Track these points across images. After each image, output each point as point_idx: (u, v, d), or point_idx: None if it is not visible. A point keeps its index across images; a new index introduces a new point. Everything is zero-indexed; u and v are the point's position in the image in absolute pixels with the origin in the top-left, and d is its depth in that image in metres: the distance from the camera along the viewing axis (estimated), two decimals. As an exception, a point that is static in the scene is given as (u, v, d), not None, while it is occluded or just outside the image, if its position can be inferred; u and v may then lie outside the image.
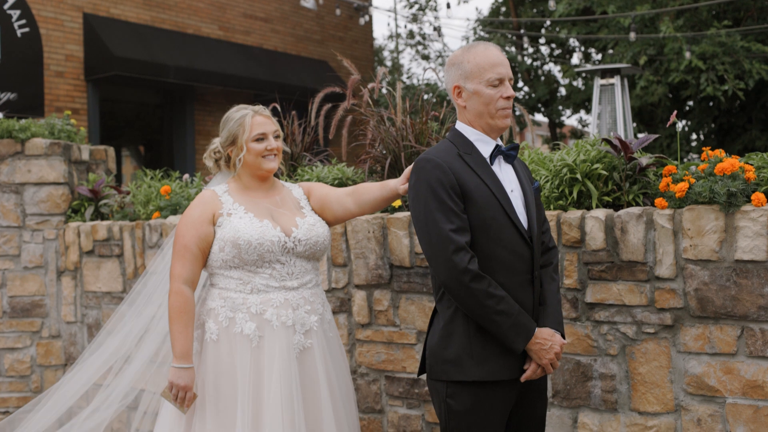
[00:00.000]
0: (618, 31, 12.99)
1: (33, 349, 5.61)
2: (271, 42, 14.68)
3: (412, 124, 4.30)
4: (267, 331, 3.02)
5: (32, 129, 5.69)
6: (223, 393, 3.01)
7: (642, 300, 3.33)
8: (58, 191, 5.63)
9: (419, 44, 20.35)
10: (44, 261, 5.61)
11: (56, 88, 11.70)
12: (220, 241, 3.05)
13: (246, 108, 3.22)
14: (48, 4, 11.65)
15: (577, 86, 15.93)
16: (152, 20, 12.90)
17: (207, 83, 12.82)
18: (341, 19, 15.72)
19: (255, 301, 3.04)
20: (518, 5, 16.56)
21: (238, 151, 3.15)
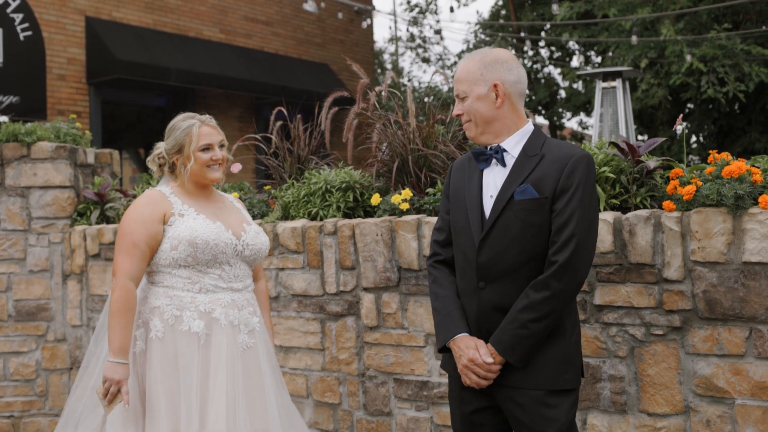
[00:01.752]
0: (619, 34, 13.02)
1: (38, 352, 5.61)
2: (272, 45, 14.70)
3: (419, 127, 4.32)
4: (215, 329, 3.11)
5: (38, 132, 5.71)
6: (171, 389, 3.07)
7: (650, 302, 3.35)
8: (64, 195, 5.64)
9: (419, 47, 20.40)
10: (50, 264, 5.61)
11: (58, 91, 11.72)
12: (173, 240, 3.11)
13: (193, 118, 3.28)
14: (50, 8, 11.67)
15: (577, 89, 15.95)
16: (154, 23, 12.92)
17: (208, 86, 12.84)
18: (342, 23, 15.75)
19: (204, 300, 3.12)
20: (518, 8, 16.59)
21: (185, 160, 3.22)
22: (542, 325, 2.52)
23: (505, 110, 2.69)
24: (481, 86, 2.68)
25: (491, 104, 2.68)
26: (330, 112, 4.45)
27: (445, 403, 3.90)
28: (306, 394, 4.42)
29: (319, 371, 4.37)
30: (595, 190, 2.55)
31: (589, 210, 2.54)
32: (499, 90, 2.67)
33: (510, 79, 2.70)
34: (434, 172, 4.24)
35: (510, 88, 2.69)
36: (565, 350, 2.58)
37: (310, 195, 4.47)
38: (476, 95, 2.69)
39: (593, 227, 2.58)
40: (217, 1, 13.85)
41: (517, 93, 2.72)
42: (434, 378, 3.92)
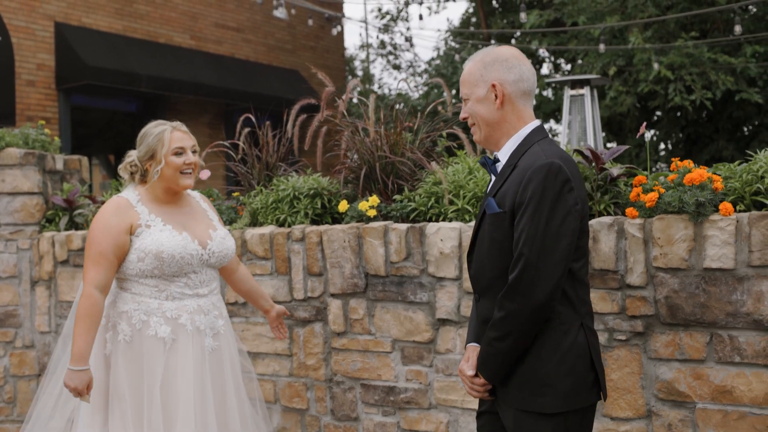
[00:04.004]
0: (588, 42, 13.16)
1: (6, 359, 5.57)
2: (242, 51, 14.68)
3: (387, 134, 4.36)
4: (181, 334, 3.17)
5: (6, 139, 5.67)
6: (135, 392, 3.12)
7: (614, 307, 3.41)
8: (33, 201, 5.61)
9: (390, 54, 20.47)
10: (18, 271, 5.57)
11: (27, 97, 11.62)
12: (140, 252, 3.14)
13: (165, 124, 3.31)
14: (19, 13, 11.57)
15: (547, 96, 16.08)
16: (124, 30, 12.85)
17: (179, 92, 12.79)
18: (313, 29, 15.77)
19: (170, 306, 3.18)
20: (489, 16, 16.71)
21: (156, 164, 3.24)
22: (505, 344, 2.38)
23: (506, 112, 2.52)
24: (480, 87, 2.53)
25: (491, 105, 2.52)
26: (298, 120, 4.47)
27: (411, 408, 3.93)
28: (274, 399, 4.43)
29: (287, 377, 4.38)
30: (559, 202, 2.31)
31: (542, 225, 2.31)
32: (497, 90, 2.50)
33: (509, 78, 2.51)
34: (401, 179, 4.27)
35: (510, 87, 2.51)
36: (540, 372, 2.39)
37: (278, 201, 4.48)
38: (476, 97, 2.55)
39: (549, 244, 2.31)
40: (187, 8, 13.81)
41: (519, 92, 2.52)
42: (401, 383, 3.95)
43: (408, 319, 3.91)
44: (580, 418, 2.43)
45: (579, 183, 2.42)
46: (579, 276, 2.44)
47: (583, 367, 2.40)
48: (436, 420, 3.87)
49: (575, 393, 2.39)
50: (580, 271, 2.45)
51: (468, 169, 4.04)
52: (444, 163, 4.30)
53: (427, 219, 4.04)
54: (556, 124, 17.45)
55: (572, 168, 2.41)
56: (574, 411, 2.40)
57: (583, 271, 2.46)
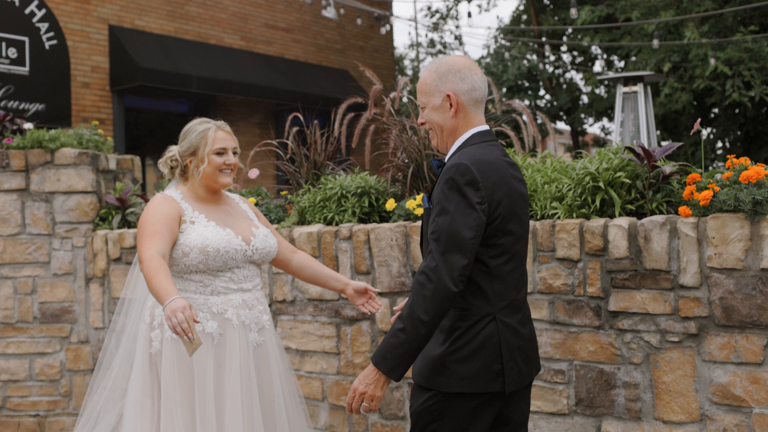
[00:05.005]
0: (641, 38, 12.93)
1: (62, 354, 5.69)
2: (292, 52, 14.77)
3: (436, 132, 4.33)
4: (228, 329, 3.18)
5: (61, 139, 5.78)
6: (185, 389, 3.13)
7: (666, 308, 3.34)
8: (87, 200, 5.71)
9: (440, 53, 20.39)
10: (73, 268, 5.69)
11: (82, 99, 11.85)
12: (185, 247, 3.15)
13: (209, 122, 3.34)
14: (75, 17, 11.81)
15: (599, 94, 15.87)
16: (176, 31, 13.03)
17: (229, 93, 12.92)
18: (362, 29, 15.79)
19: (216, 301, 3.19)
20: (539, 13, 16.54)
21: (199, 162, 3.27)
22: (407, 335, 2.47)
23: (459, 119, 2.70)
24: (436, 97, 2.70)
25: (446, 113, 2.69)
26: (346, 118, 4.47)
27: (460, 408, 3.90)
28: (321, 397, 4.44)
29: (335, 375, 4.39)
30: (461, 200, 2.47)
31: (446, 221, 2.48)
32: (452, 99, 2.68)
33: (463, 88, 2.68)
34: (450, 178, 4.24)
35: (463, 96, 2.68)
36: (440, 356, 2.56)
37: (325, 200, 4.49)
38: (432, 105, 2.72)
39: (450, 238, 2.46)
40: (237, 9, 13.95)
41: (471, 101, 2.70)
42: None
43: (456, 318, 3.88)
44: (474, 403, 2.58)
45: (493, 184, 2.54)
46: (498, 273, 2.59)
47: (487, 357, 2.55)
48: (484, 420, 3.83)
49: (471, 378, 2.54)
50: (500, 268, 2.59)
51: (517, 167, 4.00)
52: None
53: (476, 218, 4.00)
54: (609, 123, 17.21)
55: (488, 170, 2.54)
56: (468, 394, 2.55)
57: (504, 268, 2.60)
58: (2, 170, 5.72)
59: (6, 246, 5.72)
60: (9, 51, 10.55)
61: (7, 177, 5.72)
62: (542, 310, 3.65)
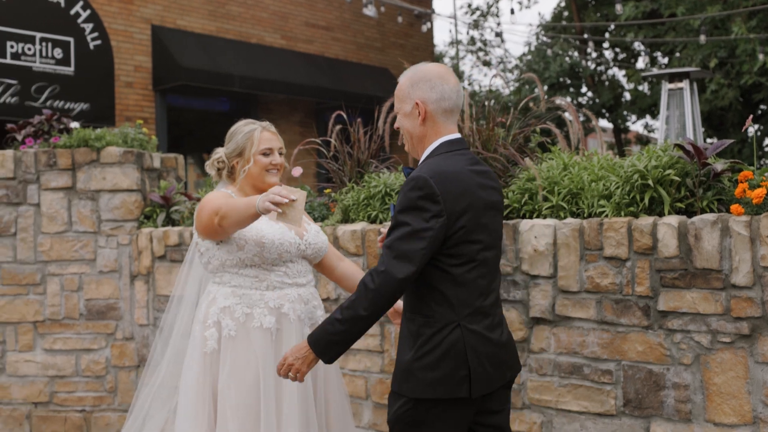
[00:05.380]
0: (686, 33, 12.73)
1: (108, 350, 5.76)
2: (332, 50, 14.81)
3: (479, 130, 4.30)
4: (285, 324, 3.19)
5: (107, 138, 5.86)
6: (243, 386, 3.11)
7: (717, 308, 3.27)
8: (132, 198, 5.78)
9: (480, 50, 20.28)
10: (118, 265, 5.76)
11: (126, 98, 12.00)
12: (240, 240, 3.16)
13: (254, 123, 3.37)
14: (118, 17, 11.95)
15: (642, 91, 15.66)
16: (217, 30, 13.13)
17: (270, 92, 12.99)
18: (402, 27, 15.77)
19: (272, 296, 3.19)
20: (581, 9, 16.36)
21: (245, 162, 3.30)
22: (343, 326, 2.63)
23: (427, 128, 2.77)
24: (407, 104, 2.78)
25: (415, 121, 2.77)
26: (389, 116, 4.46)
27: (505, 408, 3.87)
28: (365, 395, 4.43)
29: (378, 373, 4.38)
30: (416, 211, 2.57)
31: (401, 230, 2.59)
32: (420, 108, 2.75)
33: (432, 98, 2.74)
34: (495, 176, 4.21)
35: (431, 106, 2.74)
36: (409, 361, 2.66)
37: (369, 198, 4.48)
38: (404, 112, 2.81)
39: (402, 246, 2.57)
40: (278, 8, 14.01)
41: (440, 110, 2.75)
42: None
43: (501, 317, 3.85)
44: (444, 408, 2.64)
45: (454, 195, 2.60)
46: (462, 280, 2.64)
47: (453, 363, 2.61)
48: (530, 420, 3.80)
49: (436, 384, 2.61)
50: (464, 276, 2.64)
51: (563, 165, 3.96)
52: (537, 159, 4.22)
53: (521, 216, 3.97)
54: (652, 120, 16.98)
55: (449, 181, 2.60)
56: (436, 400, 2.62)
57: (468, 276, 2.65)
58: (49, 169, 5.81)
59: (53, 244, 5.81)
60: (55, 51, 10.72)
61: (54, 176, 5.81)
62: (589, 310, 3.61)
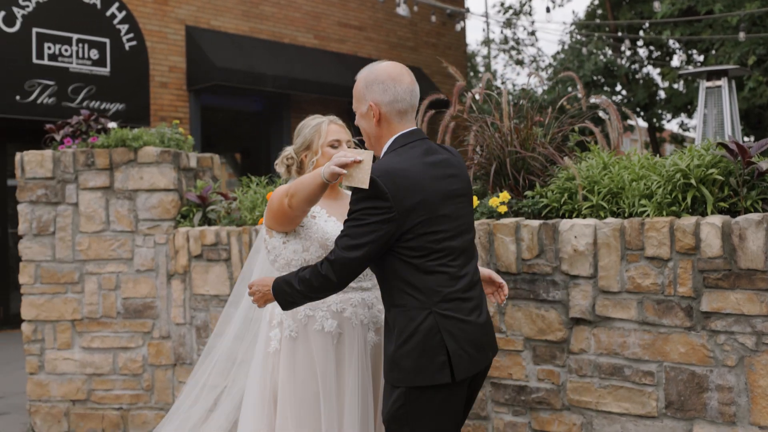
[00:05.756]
0: (724, 30, 12.55)
1: (145, 348, 5.81)
2: (365, 50, 14.82)
3: (517, 129, 4.27)
4: (347, 328, 3.15)
5: (144, 138, 5.90)
6: (303, 387, 3.11)
7: (762, 309, 3.22)
8: (168, 197, 5.82)
9: (512, 49, 20.16)
10: (155, 264, 5.80)
11: (160, 99, 12.10)
12: (305, 242, 3.15)
13: (322, 117, 3.38)
14: (153, 18, 12.06)
15: (677, 89, 15.47)
16: (251, 31, 13.19)
17: (303, 91, 13.03)
18: (434, 26, 15.74)
19: (335, 300, 3.15)
20: (615, 7, 16.20)
21: (312, 155, 3.29)
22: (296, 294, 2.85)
23: (382, 128, 2.85)
24: (363, 105, 2.87)
25: (371, 122, 2.86)
26: (427, 115, 4.44)
27: (542, 408, 3.84)
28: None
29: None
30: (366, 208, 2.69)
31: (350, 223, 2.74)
32: (374, 110, 2.84)
33: (385, 100, 2.82)
34: (533, 175, 4.18)
35: (384, 108, 2.83)
36: (390, 352, 2.78)
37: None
38: (360, 113, 2.90)
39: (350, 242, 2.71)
40: (311, 8, 14.05)
41: (394, 112, 2.83)
42: (532, 383, 3.87)
43: (540, 317, 3.82)
44: (431, 395, 2.72)
45: (405, 190, 2.69)
46: (427, 268, 2.72)
47: (428, 349, 2.70)
48: (569, 421, 3.77)
49: (417, 372, 2.70)
50: (427, 265, 2.72)
51: (602, 164, 3.92)
52: (577, 158, 4.18)
53: (560, 215, 3.93)
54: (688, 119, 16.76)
55: (399, 178, 2.69)
56: (422, 387, 2.71)
57: (432, 265, 2.73)
58: (87, 169, 5.87)
59: (91, 243, 5.86)
60: (91, 52, 10.84)
61: (92, 175, 5.87)
62: (630, 310, 3.56)
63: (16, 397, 7.10)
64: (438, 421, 2.76)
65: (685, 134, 17.99)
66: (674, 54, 16.46)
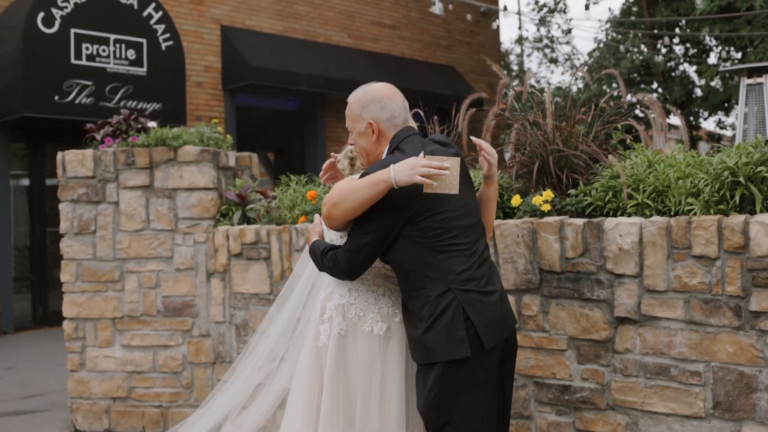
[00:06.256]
0: (763, 27, 12.36)
1: (184, 347, 5.85)
2: (398, 48, 14.81)
3: (560, 127, 4.24)
4: (396, 332, 3.14)
5: (184, 137, 5.94)
6: (349, 385, 3.11)
7: (815, 309, 3.16)
8: (208, 196, 5.86)
9: (546, 47, 20.01)
10: (195, 263, 5.84)
11: (196, 98, 12.19)
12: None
13: None
14: (189, 18, 12.16)
15: (715, 87, 15.26)
16: (285, 30, 13.25)
17: (338, 91, 13.06)
18: (468, 25, 15.70)
19: (388, 303, 3.15)
20: (651, 4, 16.03)
21: None
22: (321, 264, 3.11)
23: (381, 144, 3.08)
24: (360, 124, 3.08)
25: (369, 139, 3.08)
26: (468, 113, 4.42)
27: (587, 408, 3.81)
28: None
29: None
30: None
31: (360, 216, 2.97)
32: (373, 127, 3.06)
33: (383, 117, 3.06)
34: (576, 173, 4.15)
35: (384, 124, 3.06)
36: (411, 332, 2.97)
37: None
38: (358, 131, 3.10)
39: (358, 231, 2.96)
40: (345, 7, 14.08)
41: (391, 127, 3.08)
42: (576, 382, 3.84)
43: (584, 316, 3.79)
44: (455, 369, 2.87)
45: None
46: (440, 247, 2.91)
47: (454, 324, 2.86)
48: (614, 421, 3.73)
49: (447, 346, 2.85)
50: (440, 244, 2.91)
51: (647, 162, 3.87)
52: (620, 156, 4.14)
53: (604, 214, 3.90)
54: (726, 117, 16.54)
55: None
56: (455, 362, 2.86)
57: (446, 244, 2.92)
58: (128, 168, 5.92)
59: (131, 241, 5.92)
60: (128, 53, 10.95)
61: (133, 174, 5.92)
62: (677, 310, 3.52)
63: (56, 394, 7.19)
64: (475, 398, 2.90)
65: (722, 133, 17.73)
66: (711, 51, 16.24)
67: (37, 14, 10.18)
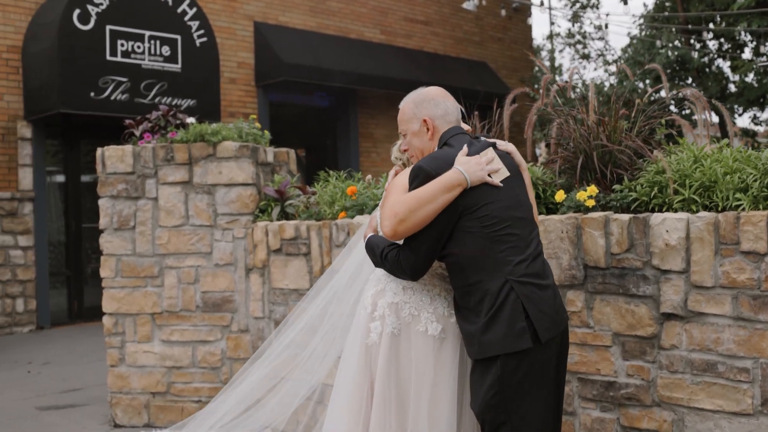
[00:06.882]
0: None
1: (223, 342, 5.89)
2: (431, 45, 14.79)
3: (603, 122, 4.21)
4: (450, 332, 3.10)
5: (223, 133, 5.98)
6: (401, 385, 3.07)
7: None
8: (247, 192, 5.89)
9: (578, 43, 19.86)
10: (234, 258, 5.87)
11: (230, 94, 12.26)
12: None
13: None
14: (222, 14, 12.22)
15: (750, 82, 15.07)
16: (318, 26, 13.28)
17: (370, 87, 13.07)
18: (500, 20, 15.63)
19: (443, 303, 3.12)
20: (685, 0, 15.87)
21: None
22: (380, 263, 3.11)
23: (434, 141, 3.16)
24: (414, 123, 3.18)
25: (424, 137, 3.17)
26: (510, 108, 4.41)
27: (632, 404, 3.78)
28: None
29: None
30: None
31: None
32: (428, 124, 3.15)
33: (437, 113, 3.17)
34: (620, 168, 4.12)
35: (438, 121, 3.16)
36: (465, 328, 2.97)
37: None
38: (412, 131, 3.19)
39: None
40: (377, 3, 14.08)
41: (445, 124, 3.17)
42: (621, 379, 3.82)
43: (629, 312, 3.77)
44: (515, 364, 2.87)
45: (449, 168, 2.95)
46: (495, 237, 2.92)
47: (511, 317, 2.86)
48: (659, 418, 3.70)
49: (500, 341, 2.85)
50: (496, 233, 2.93)
51: (693, 157, 3.84)
52: (665, 152, 4.10)
53: (650, 209, 3.87)
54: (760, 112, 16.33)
55: (442, 162, 2.98)
56: (513, 355, 2.86)
57: (501, 233, 2.93)
58: (167, 163, 5.97)
59: (170, 237, 5.97)
60: (163, 49, 11.03)
61: (172, 170, 5.97)
62: (724, 306, 3.49)
63: (95, 389, 7.27)
64: (533, 396, 2.90)
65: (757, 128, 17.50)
66: (745, 46, 16.03)
67: (72, 11, 10.28)
